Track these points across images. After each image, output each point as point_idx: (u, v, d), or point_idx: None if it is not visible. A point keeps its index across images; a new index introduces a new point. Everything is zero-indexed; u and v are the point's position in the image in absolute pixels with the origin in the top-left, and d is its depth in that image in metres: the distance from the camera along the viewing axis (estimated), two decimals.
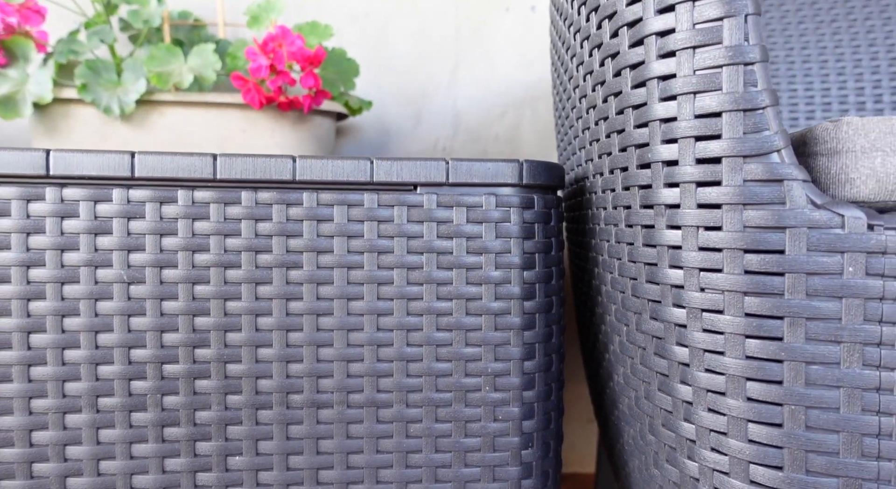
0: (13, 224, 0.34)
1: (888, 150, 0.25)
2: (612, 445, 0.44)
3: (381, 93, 1.04)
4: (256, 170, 0.35)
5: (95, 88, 0.77)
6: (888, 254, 0.24)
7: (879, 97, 0.75)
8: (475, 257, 0.36)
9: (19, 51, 0.78)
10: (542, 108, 1.06)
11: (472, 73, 1.05)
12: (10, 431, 0.34)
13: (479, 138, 1.06)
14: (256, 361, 0.36)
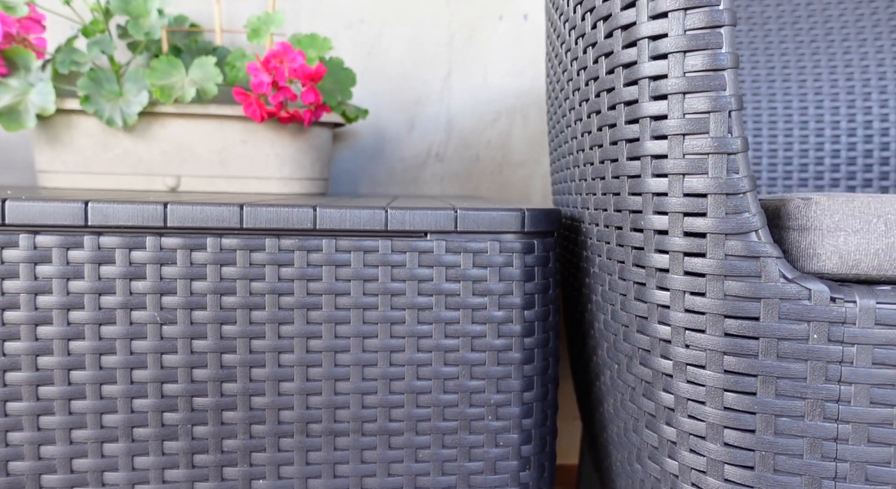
0: (54, 270, 0.36)
1: (850, 230, 0.29)
2: (595, 442, 0.48)
3: (376, 99, 1.06)
4: (280, 219, 0.38)
5: (98, 100, 0.79)
6: (847, 323, 0.28)
7: (853, 116, 0.79)
8: (480, 298, 0.40)
9: (20, 60, 0.79)
10: (533, 114, 1.09)
11: (465, 80, 1.07)
12: (53, 460, 0.37)
13: (471, 144, 1.09)
14: (279, 394, 0.39)
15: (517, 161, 1.09)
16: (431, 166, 1.09)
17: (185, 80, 0.80)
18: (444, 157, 1.08)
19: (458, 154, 1.09)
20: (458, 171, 1.09)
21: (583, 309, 0.46)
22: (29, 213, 0.36)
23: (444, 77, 1.07)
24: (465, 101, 1.08)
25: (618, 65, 0.33)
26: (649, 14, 0.30)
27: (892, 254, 0.28)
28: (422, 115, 1.07)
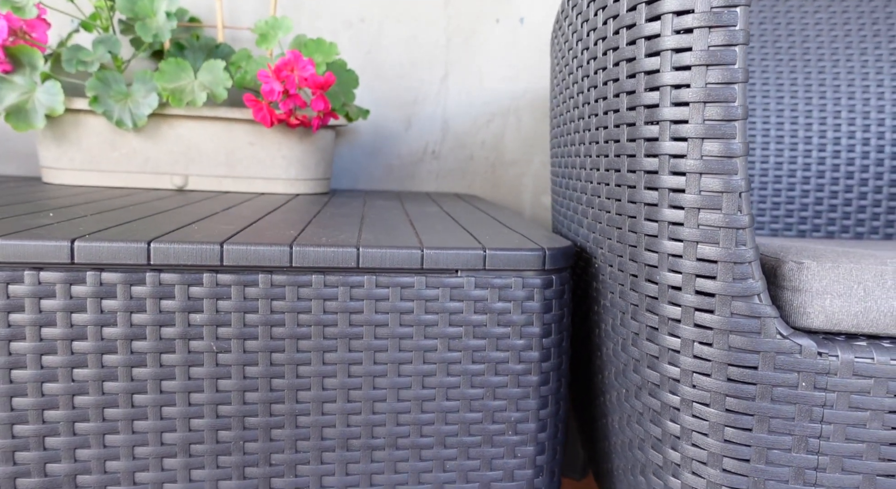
0: (119, 304, 0.39)
1: (834, 294, 0.33)
2: (595, 448, 0.54)
3: (375, 98, 1.08)
4: (326, 258, 0.41)
5: (106, 101, 0.80)
6: (830, 374, 0.33)
7: (853, 120, 0.84)
8: (503, 329, 0.44)
9: (25, 58, 0.79)
10: (526, 117, 1.12)
11: (461, 82, 1.10)
12: (118, 473, 0.41)
13: (466, 144, 1.12)
14: (322, 414, 0.43)
15: (509, 160, 1.13)
16: (427, 164, 1.11)
17: (194, 84, 0.81)
18: (439, 156, 1.11)
19: (454, 153, 1.12)
20: (452, 168, 1.12)
21: (589, 332, 0.51)
22: (97, 252, 0.38)
23: (441, 78, 1.10)
24: (460, 102, 1.11)
25: (639, 137, 0.37)
26: (672, 101, 0.34)
27: (869, 315, 0.33)
28: (419, 115, 1.10)
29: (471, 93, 1.10)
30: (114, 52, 0.81)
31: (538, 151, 1.14)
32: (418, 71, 1.09)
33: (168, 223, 0.47)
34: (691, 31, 0.32)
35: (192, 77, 0.82)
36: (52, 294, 0.38)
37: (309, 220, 0.54)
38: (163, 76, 0.80)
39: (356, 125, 1.09)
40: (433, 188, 1.13)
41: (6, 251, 0.37)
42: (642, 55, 0.35)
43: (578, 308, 0.54)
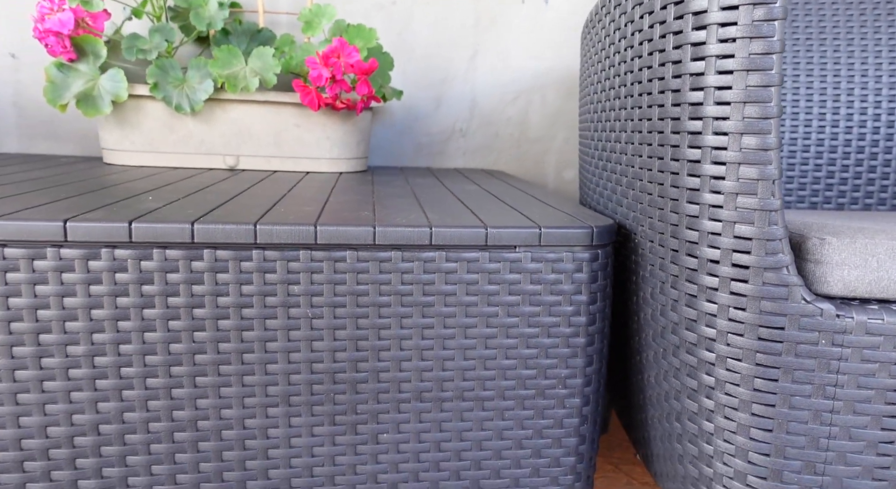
0: (231, 277, 0.45)
1: (852, 265, 0.39)
2: (629, 402, 0.60)
3: (406, 78, 1.12)
4: (403, 237, 0.47)
5: (165, 87, 0.85)
6: (846, 333, 0.38)
7: (864, 96, 0.88)
8: (555, 297, 0.50)
9: (88, 47, 0.84)
10: (551, 94, 1.16)
11: (489, 61, 1.14)
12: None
13: (492, 121, 1.16)
14: (400, 371, 0.49)
15: (534, 137, 1.17)
16: (456, 141, 1.16)
17: (245, 70, 0.86)
18: (467, 133, 1.16)
19: (481, 130, 1.16)
20: (479, 145, 1.17)
21: (626, 299, 0.57)
22: (212, 233, 0.44)
23: (470, 58, 1.13)
24: (487, 81, 1.14)
25: (683, 131, 0.41)
26: (715, 100, 0.39)
27: (881, 283, 0.39)
28: (448, 94, 1.14)
29: (497, 72, 1.14)
30: (170, 40, 0.85)
31: (561, 128, 1.18)
32: (447, 51, 1.12)
33: (255, 205, 0.52)
34: (734, 41, 0.37)
35: (243, 63, 0.86)
36: (176, 269, 0.44)
37: (372, 201, 0.59)
38: (216, 63, 0.84)
39: (388, 105, 1.13)
40: (461, 164, 1.17)
41: (139, 232, 0.43)
42: (688, 59, 0.40)
43: (616, 278, 0.60)
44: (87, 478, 0.46)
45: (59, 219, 0.42)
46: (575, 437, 0.52)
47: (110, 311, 0.44)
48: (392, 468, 0.50)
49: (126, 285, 0.43)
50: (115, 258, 0.43)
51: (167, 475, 0.47)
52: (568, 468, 0.53)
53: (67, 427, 0.45)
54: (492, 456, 0.52)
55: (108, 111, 0.82)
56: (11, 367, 0.43)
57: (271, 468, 0.49)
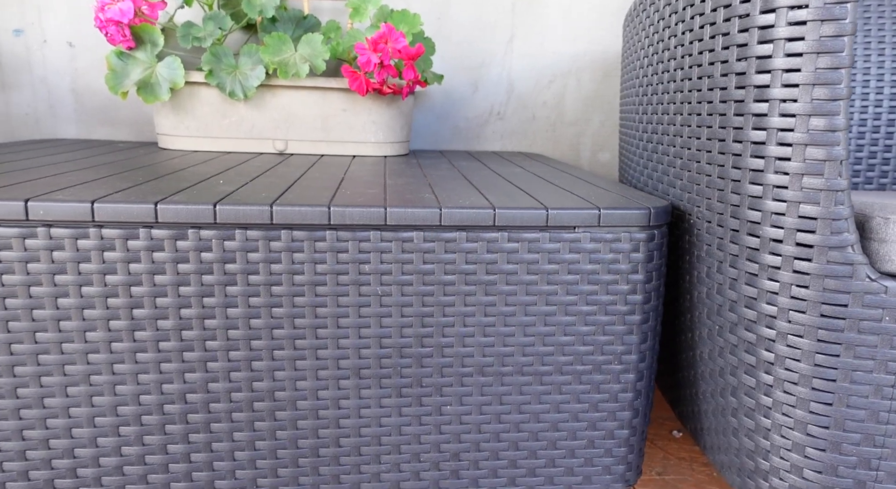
0: (306, 257, 0.47)
1: None
2: (676, 377, 0.61)
3: (444, 62, 1.12)
4: (468, 218, 0.48)
5: (219, 74, 0.86)
6: None
7: None
8: (612, 276, 0.50)
9: (146, 36, 0.86)
10: (586, 78, 1.15)
11: (525, 45, 1.13)
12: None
13: (528, 105, 1.16)
14: (464, 346, 0.50)
15: (569, 120, 1.17)
16: (492, 124, 1.16)
17: (295, 56, 0.87)
18: (504, 116, 1.16)
19: (517, 114, 1.16)
20: (515, 129, 1.17)
21: (678, 278, 0.57)
22: (289, 214, 0.46)
23: (507, 42, 1.13)
24: (524, 65, 1.14)
25: (747, 113, 0.42)
26: (783, 82, 0.39)
27: None
28: (485, 78, 1.14)
29: (534, 55, 1.14)
30: (223, 27, 0.87)
31: (597, 111, 1.17)
32: (485, 35, 1.12)
33: (320, 187, 0.54)
34: (804, 24, 0.37)
35: (293, 50, 0.87)
36: (256, 248, 0.46)
37: (427, 183, 0.60)
38: (267, 50, 0.86)
39: (428, 89, 1.14)
40: (497, 147, 1.18)
41: (223, 214, 0.44)
42: (755, 42, 0.40)
43: (668, 257, 0.60)
44: (176, 444, 0.49)
45: (151, 201, 0.44)
46: (629, 411, 0.54)
47: (196, 288, 0.46)
48: (454, 438, 0.52)
49: (210, 264, 0.45)
50: (201, 238, 0.45)
51: (247, 441, 0.50)
52: (621, 440, 0.54)
53: (157, 395, 0.47)
54: (549, 427, 0.53)
55: (166, 98, 0.84)
56: (108, 339, 0.45)
57: (342, 437, 0.51)
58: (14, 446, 0.46)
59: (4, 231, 0.42)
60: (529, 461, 0.54)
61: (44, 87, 1.03)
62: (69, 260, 0.43)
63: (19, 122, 1.03)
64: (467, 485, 0.54)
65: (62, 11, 1.00)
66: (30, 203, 0.42)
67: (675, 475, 0.83)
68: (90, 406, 0.46)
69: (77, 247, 0.43)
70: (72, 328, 0.45)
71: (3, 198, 0.42)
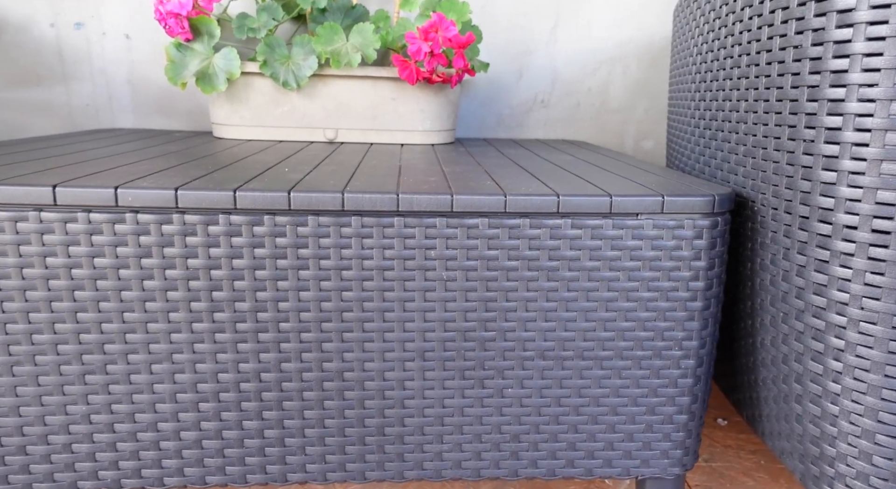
0: (374, 242, 0.48)
1: None
2: (734, 364, 0.61)
3: (489, 50, 1.12)
4: (532, 205, 0.48)
5: (273, 64, 0.88)
6: None
7: None
8: (674, 262, 0.50)
9: (203, 28, 0.88)
10: (632, 64, 1.14)
11: (570, 32, 1.12)
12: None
13: (573, 92, 1.15)
14: (525, 331, 0.51)
15: (614, 108, 1.16)
16: (536, 112, 1.16)
17: (347, 46, 0.88)
18: (548, 104, 1.15)
19: (562, 101, 1.15)
20: (560, 116, 1.16)
21: (738, 265, 0.57)
22: (359, 201, 0.47)
23: (551, 29, 1.12)
24: (569, 51, 1.13)
25: (822, 98, 0.41)
26: (863, 67, 0.38)
27: None
28: (530, 65, 1.13)
29: (579, 42, 1.13)
30: (277, 18, 0.88)
31: (642, 98, 1.16)
32: (530, 22, 1.11)
33: (381, 175, 0.55)
34: (888, 6, 0.36)
35: (344, 39, 0.88)
36: (328, 234, 0.47)
37: (484, 171, 0.61)
38: (320, 40, 0.87)
39: (473, 78, 1.14)
40: (541, 135, 1.17)
41: (297, 201, 0.46)
42: (832, 27, 0.39)
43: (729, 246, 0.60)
44: (250, 420, 0.51)
45: (230, 189, 0.45)
46: (688, 397, 0.54)
47: (271, 272, 0.47)
48: (515, 420, 0.53)
49: (284, 249, 0.47)
50: (276, 224, 0.46)
51: (316, 420, 0.51)
52: (680, 425, 0.54)
53: (234, 374, 0.49)
54: (607, 411, 0.54)
55: (223, 88, 0.86)
56: (189, 320, 0.47)
57: (406, 417, 0.52)
58: (114, 423, 0.49)
59: (96, 217, 0.44)
60: (588, 444, 0.54)
61: (102, 79, 1.06)
62: (154, 244, 0.45)
63: (80, 112, 1.07)
64: (526, 466, 0.55)
65: (120, 4, 1.03)
66: (119, 190, 0.44)
67: (722, 462, 0.82)
68: (172, 383, 0.49)
69: (161, 231, 0.45)
70: (156, 309, 0.47)
71: (95, 185, 0.44)
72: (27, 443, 0.48)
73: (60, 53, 1.03)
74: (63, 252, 0.45)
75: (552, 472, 0.55)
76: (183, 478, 0.51)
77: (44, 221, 0.44)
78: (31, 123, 1.05)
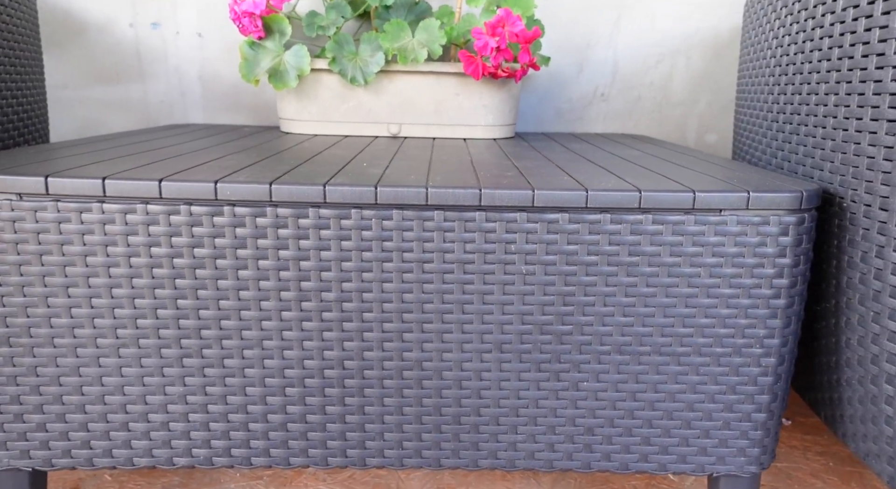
0: (456, 236, 0.49)
1: None
2: (812, 363, 0.59)
3: (549, 44, 1.11)
4: (612, 200, 0.48)
5: (341, 61, 0.89)
6: None
7: None
8: (757, 259, 0.49)
9: (275, 26, 0.90)
10: (696, 56, 1.11)
11: (633, 24, 1.10)
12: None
13: (634, 85, 1.13)
14: (603, 325, 0.51)
15: (676, 101, 1.13)
16: (596, 106, 1.14)
17: (413, 42, 0.89)
18: (608, 98, 1.14)
19: (622, 95, 1.14)
20: (619, 110, 1.14)
21: (823, 264, 0.55)
22: (442, 196, 0.47)
23: (614, 21, 1.10)
24: (631, 44, 1.11)
25: None
26: None
27: None
28: (590, 59, 1.12)
29: (641, 34, 1.10)
30: (345, 16, 0.90)
31: (705, 92, 1.13)
32: (592, 15, 1.10)
33: (456, 170, 0.55)
34: None
35: (411, 36, 0.89)
36: (411, 228, 0.48)
37: (557, 166, 0.61)
38: (386, 36, 0.88)
39: (533, 72, 1.13)
40: (600, 129, 1.16)
41: (383, 195, 0.47)
42: None
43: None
44: (333, 405, 0.52)
45: (319, 183, 0.47)
46: (768, 395, 0.53)
47: (356, 264, 0.49)
48: (589, 414, 0.53)
49: (370, 241, 0.48)
50: (363, 217, 0.48)
51: (395, 407, 0.53)
52: (758, 423, 0.53)
53: (319, 361, 0.51)
54: (684, 407, 0.53)
55: (294, 84, 0.88)
56: (279, 309, 0.49)
57: (482, 407, 0.53)
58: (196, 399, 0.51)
59: (197, 209, 0.46)
60: (662, 439, 0.54)
61: (176, 76, 1.10)
62: (249, 236, 0.47)
63: (154, 108, 1.11)
64: (599, 459, 0.55)
65: (193, 4, 1.07)
66: (218, 184, 0.46)
67: (789, 463, 0.80)
68: (262, 367, 0.51)
69: (256, 224, 0.47)
70: (249, 297, 0.49)
71: (196, 180, 0.46)
72: (129, 420, 0.51)
73: (138, 52, 1.08)
74: (166, 242, 0.47)
75: (625, 466, 0.55)
76: (269, 459, 0.53)
77: (150, 213, 0.46)
78: (110, 120, 1.10)
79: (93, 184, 0.45)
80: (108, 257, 0.47)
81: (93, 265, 0.47)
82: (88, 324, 0.48)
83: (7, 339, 0.48)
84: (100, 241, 0.47)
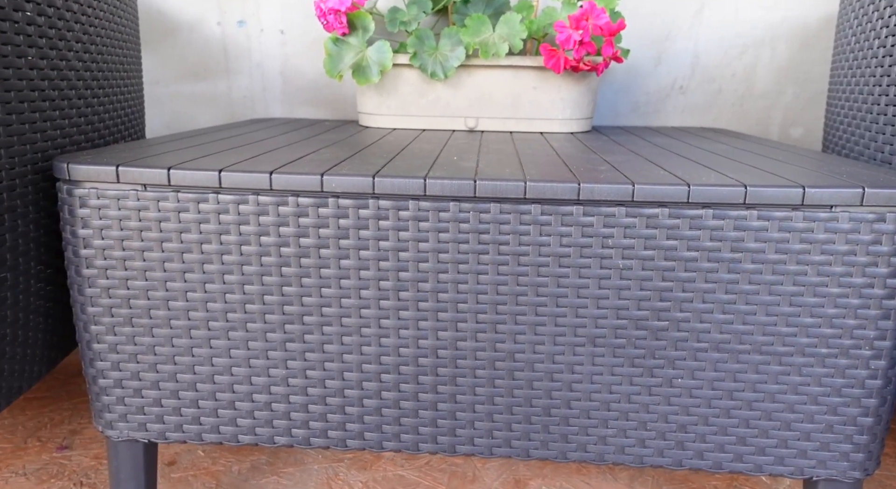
0: (552, 229, 0.48)
1: None
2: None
3: (627, 36, 1.09)
4: (715, 195, 0.47)
5: (422, 55, 0.90)
6: None
7: None
8: (870, 258, 0.47)
9: (359, 23, 0.91)
10: (781, 47, 1.06)
11: (716, 15, 1.06)
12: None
13: (714, 77, 1.09)
14: (701, 322, 0.50)
15: (759, 93, 1.09)
16: (674, 99, 1.11)
17: (493, 36, 0.89)
18: (687, 90, 1.10)
19: (702, 87, 1.10)
20: (698, 103, 1.11)
21: None
22: (540, 190, 0.47)
23: (696, 12, 1.07)
24: (712, 35, 1.07)
25: None
26: None
27: None
28: (669, 51, 1.09)
29: (724, 25, 1.06)
30: (426, 11, 0.91)
31: (790, 83, 1.08)
32: (671, 7, 1.07)
33: (546, 163, 0.55)
34: None
35: (491, 30, 0.89)
36: (508, 221, 0.48)
37: (646, 159, 0.59)
38: (467, 31, 0.88)
39: (611, 64, 1.11)
40: (677, 123, 1.13)
41: (482, 189, 0.47)
42: None
43: None
44: (426, 393, 0.53)
45: (420, 176, 0.48)
46: (876, 399, 0.50)
47: (453, 255, 0.49)
48: (683, 411, 0.52)
49: (467, 234, 0.49)
50: (461, 210, 0.48)
51: (487, 397, 0.53)
52: (865, 428, 0.51)
53: (414, 349, 0.52)
54: (784, 408, 0.51)
55: (376, 80, 0.90)
56: (378, 298, 0.51)
57: (573, 400, 0.53)
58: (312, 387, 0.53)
59: (303, 200, 0.48)
60: (760, 440, 0.52)
61: (259, 72, 1.14)
62: (351, 227, 0.49)
63: (238, 103, 1.16)
64: (692, 457, 0.54)
65: (277, 2, 1.10)
66: (325, 176, 0.47)
67: (883, 471, 0.77)
68: (359, 354, 0.52)
69: (358, 215, 0.48)
70: (349, 285, 0.50)
71: (303, 172, 0.48)
72: (235, 399, 0.54)
73: (225, 49, 1.12)
74: (274, 232, 0.49)
75: (718, 465, 0.54)
76: (363, 442, 0.55)
77: (260, 204, 0.48)
78: (197, 114, 1.15)
79: (210, 176, 0.47)
80: (221, 245, 0.50)
81: (207, 252, 0.50)
82: (202, 308, 0.51)
83: (130, 320, 0.52)
84: (214, 230, 0.49)
